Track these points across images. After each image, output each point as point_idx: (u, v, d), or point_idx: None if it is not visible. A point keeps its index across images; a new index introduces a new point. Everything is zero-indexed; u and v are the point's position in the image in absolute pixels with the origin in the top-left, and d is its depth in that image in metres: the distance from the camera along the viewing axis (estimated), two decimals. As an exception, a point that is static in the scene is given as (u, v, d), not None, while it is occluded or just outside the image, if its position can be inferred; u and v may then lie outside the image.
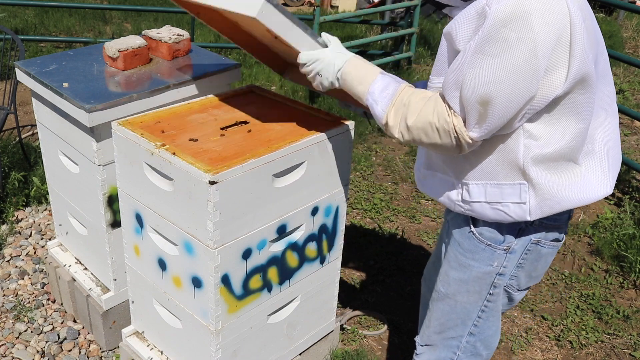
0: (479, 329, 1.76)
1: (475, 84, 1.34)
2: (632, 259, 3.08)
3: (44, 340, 2.55)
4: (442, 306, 1.76)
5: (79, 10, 6.84)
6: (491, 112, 1.35)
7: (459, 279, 1.69)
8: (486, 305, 1.72)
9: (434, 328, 1.82)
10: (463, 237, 1.66)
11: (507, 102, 1.34)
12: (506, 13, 1.29)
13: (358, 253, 3.19)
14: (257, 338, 2.00)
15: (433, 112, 1.43)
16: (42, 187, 3.40)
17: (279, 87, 5.33)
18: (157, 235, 1.90)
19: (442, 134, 1.43)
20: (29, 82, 2.24)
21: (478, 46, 1.33)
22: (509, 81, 1.32)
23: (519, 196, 1.50)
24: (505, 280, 1.69)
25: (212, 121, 1.93)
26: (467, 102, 1.37)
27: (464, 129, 1.41)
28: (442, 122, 1.42)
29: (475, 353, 1.81)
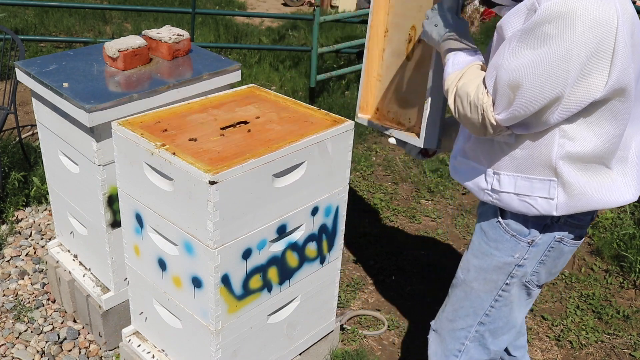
0: (490, 318, 1.79)
1: (509, 68, 1.41)
2: (632, 259, 3.09)
3: (44, 340, 2.55)
4: (458, 292, 1.81)
5: (79, 10, 6.84)
6: (518, 98, 1.42)
7: (478, 266, 1.74)
8: (500, 295, 1.75)
9: (446, 314, 1.86)
10: (489, 227, 1.71)
11: (534, 93, 1.40)
12: (553, 10, 1.34)
13: (358, 253, 3.19)
14: (257, 338, 2.00)
15: (475, 86, 1.53)
16: (42, 187, 3.40)
17: (279, 87, 5.33)
18: (157, 235, 1.90)
19: (472, 108, 1.52)
20: (29, 82, 2.24)
21: (521, 36, 1.40)
22: (539, 74, 1.38)
23: (547, 191, 1.56)
24: (524, 273, 1.72)
25: (212, 121, 1.93)
26: (499, 84, 1.44)
27: (490, 109, 1.49)
28: (475, 97, 1.51)
29: (483, 344, 1.83)
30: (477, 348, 1.84)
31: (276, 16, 5.98)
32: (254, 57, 5.88)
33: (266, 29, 7.09)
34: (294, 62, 5.82)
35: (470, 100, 1.52)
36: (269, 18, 7.34)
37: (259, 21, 7.49)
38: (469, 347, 1.84)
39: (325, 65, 5.69)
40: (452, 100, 1.59)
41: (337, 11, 8.45)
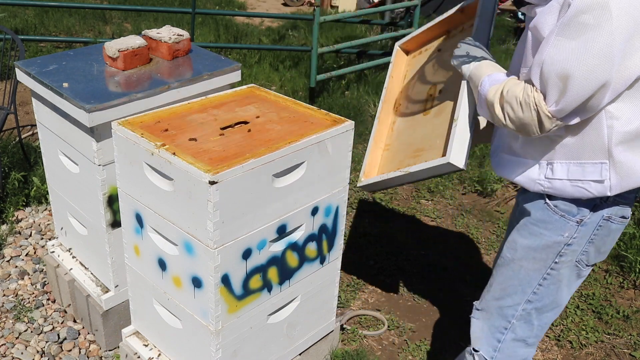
0: (537, 296, 1.83)
1: (554, 61, 1.47)
2: (632, 259, 3.08)
3: (44, 340, 2.55)
4: (506, 271, 1.85)
5: (79, 10, 6.84)
6: (569, 88, 1.47)
7: (527, 246, 1.79)
8: (549, 273, 1.79)
9: (493, 293, 1.90)
10: (536, 209, 1.76)
11: (584, 80, 1.45)
12: (586, 2, 1.42)
13: (358, 253, 3.19)
14: (257, 338, 2.00)
15: (521, 88, 1.58)
16: (42, 187, 3.40)
17: (279, 87, 5.33)
18: (157, 235, 1.90)
19: (524, 107, 1.56)
20: (29, 82, 2.24)
21: (559, 30, 1.46)
22: (586, 61, 1.44)
23: (599, 174, 1.61)
24: (573, 252, 1.76)
25: (212, 121, 1.93)
26: (546, 77, 1.50)
27: (543, 103, 1.53)
28: (525, 96, 1.56)
29: (529, 321, 1.88)
30: (522, 326, 1.88)
31: (276, 16, 5.99)
32: (254, 57, 5.88)
33: (266, 29, 7.09)
34: (294, 62, 5.82)
35: (520, 100, 1.57)
36: (269, 18, 7.34)
37: (259, 21, 7.49)
38: (515, 325, 1.88)
39: (325, 65, 5.69)
40: (499, 109, 1.64)
41: (337, 11, 8.45)
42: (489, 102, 1.69)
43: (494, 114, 1.68)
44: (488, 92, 1.69)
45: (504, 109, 1.63)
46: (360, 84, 5.25)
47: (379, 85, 5.17)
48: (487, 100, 1.70)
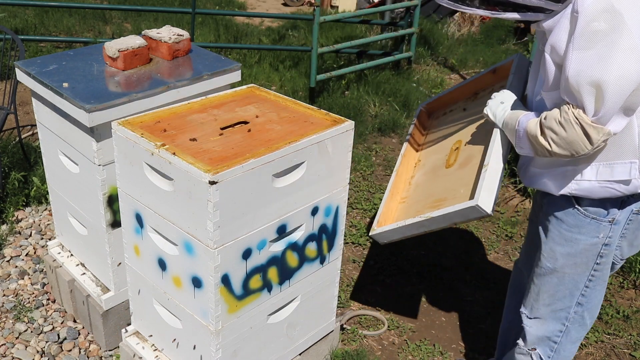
0: (586, 298, 1.88)
1: (580, 72, 1.48)
2: (632, 259, 3.08)
3: (44, 340, 2.55)
4: (551, 279, 1.88)
5: (79, 10, 6.84)
6: (606, 92, 1.47)
7: (566, 253, 1.81)
8: (593, 275, 1.83)
9: (543, 301, 1.92)
10: (566, 215, 1.78)
11: (619, 81, 1.46)
12: (592, 10, 1.45)
13: (358, 253, 3.19)
14: (257, 338, 2.00)
15: (556, 112, 1.60)
16: (42, 187, 3.40)
17: (279, 87, 5.33)
18: (157, 235, 1.90)
19: (566, 125, 1.56)
20: (29, 82, 2.24)
21: (575, 43, 1.49)
22: (614, 63, 1.45)
23: (628, 173, 1.64)
24: (611, 250, 1.80)
25: (212, 121, 1.93)
26: (577, 89, 1.50)
27: (583, 115, 1.53)
28: (563, 114, 1.56)
29: (583, 323, 1.93)
30: (576, 328, 1.93)
31: (276, 16, 5.99)
32: (254, 57, 5.88)
33: (266, 29, 7.09)
34: (294, 62, 5.82)
35: (559, 121, 1.57)
36: (269, 18, 7.34)
37: (259, 21, 7.49)
38: (570, 328, 1.93)
39: (325, 65, 5.69)
40: (541, 138, 1.64)
41: (337, 11, 8.45)
42: (531, 135, 1.67)
43: (537, 145, 1.67)
44: (527, 127, 1.69)
45: (547, 136, 1.62)
46: (360, 84, 5.25)
47: (379, 85, 5.17)
48: (528, 134, 1.69)
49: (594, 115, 1.52)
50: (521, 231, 3.46)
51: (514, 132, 1.77)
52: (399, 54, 5.52)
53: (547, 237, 1.86)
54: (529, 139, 1.69)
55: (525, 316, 1.99)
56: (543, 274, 1.89)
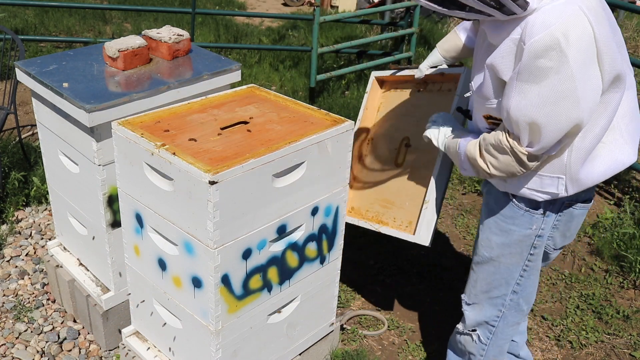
0: (521, 287, 1.96)
1: (521, 108, 1.54)
2: (632, 259, 3.08)
3: (44, 340, 2.55)
4: (487, 268, 1.96)
5: (79, 10, 6.84)
6: (543, 133, 1.54)
7: (501, 243, 1.90)
8: (527, 265, 1.92)
9: (480, 288, 2.01)
10: (503, 206, 1.86)
11: (555, 125, 1.53)
12: (539, 46, 1.46)
13: (358, 253, 3.19)
14: (257, 338, 2.00)
15: (493, 136, 1.68)
16: (42, 187, 3.40)
17: (279, 87, 5.33)
18: (157, 235, 1.90)
19: (501, 152, 1.65)
20: (29, 82, 2.24)
21: (520, 75, 1.52)
22: (553, 108, 1.50)
23: (556, 187, 1.73)
24: (544, 241, 1.88)
25: (212, 121, 1.93)
26: (516, 123, 1.57)
27: (517, 145, 1.61)
28: (497, 141, 1.65)
29: (519, 309, 2.02)
30: (512, 314, 2.02)
31: (276, 16, 5.99)
32: (254, 57, 5.87)
33: (266, 29, 7.09)
34: (294, 62, 5.82)
35: (496, 147, 1.65)
36: (269, 18, 7.34)
37: (259, 21, 7.49)
38: (506, 314, 2.01)
39: (325, 65, 5.69)
40: (481, 160, 1.73)
41: (337, 11, 8.45)
42: (471, 157, 1.76)
43: (478, 168, 1.76)
44: (467, 149, 1.77)
45: (486, 159, 1.71)
46: (360, 84, 5.25)
47: (379, 85, 5.16)
48: (468, 157, 1.78)
49: (528, 146, 1.60)
50: (521, 231, 3.46)
51: (456, 155, 1.86)
52: (399, 54, 5.52)
53: (484, 227, 1.95)
54: (469, 161, 1.78)
55: (464, 302, 2.08)
56: (481, 262, 1.98)
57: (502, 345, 2.09)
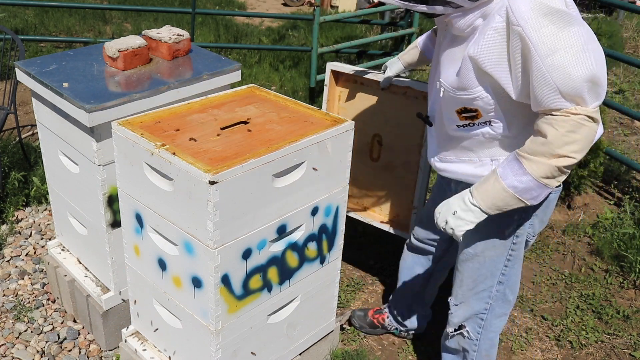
0: (506, 277, 1.98)
1: (568, 76, 1.50)
2: (632, 259, 3.08)
3: (44, 340, 2.55)
4: (472, 265, 1.98)
5: (79, 10, 6.84)
6: (598, 80, 1.52)
7: (484, 237, 1.91)
8: (511, 254, 1.94)
9: (467, 286, 2.03)
10: None
11: (600, 64, 1.53)
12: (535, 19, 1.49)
13: (358, 253, 3.19)
14: (257, 338, 2.00)
15: (556, 128, 1.55)
16: (42, 187, 3.40)
17: (279, 87, 5.33)
18: (157, 235, 1.90)
19: (578, 128, 1.54)
20: (29, 82, 2.24)
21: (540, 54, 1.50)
22: (588, 51, 1.51)
23: None
24: (525, 229, 1.90)
25: (212, 121, 1.93)
26: (576, 91, 1.51)
27: (586, 109, 1.54)
28: (569, 125, 1.54)
29: (505, 300, 2.04)
30: (500, 304, 2.04)
31: (276, 16, 5.98)
32: (254, 57, 5.87)
33: (266, 29, 7.09)
34: (294, 62, 5.82)
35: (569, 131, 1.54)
36: (269, 18, 7.34)
37: (259, 21, 7.48)
38: (494, 306, 2.03)
39: (325, 65, 5.68)
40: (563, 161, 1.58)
41: (337, 11, 8.45)
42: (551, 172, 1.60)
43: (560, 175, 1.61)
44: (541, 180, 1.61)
45: (568, 154, 1.57)
46: (360, 84, 5.24)
47: (379, 85, 5.17)
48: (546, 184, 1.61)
49: (593, 101, 1.55)
50: (521, 231, 3.46)
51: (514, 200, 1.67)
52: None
53: None
54: (538, 184, 1.62)
55: (452, 304, 2.10)
56: (465, 260, 2.00)
57: (492, 338, 2.12)
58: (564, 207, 3.65)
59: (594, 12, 7.52)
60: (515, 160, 1.63)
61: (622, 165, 3.93)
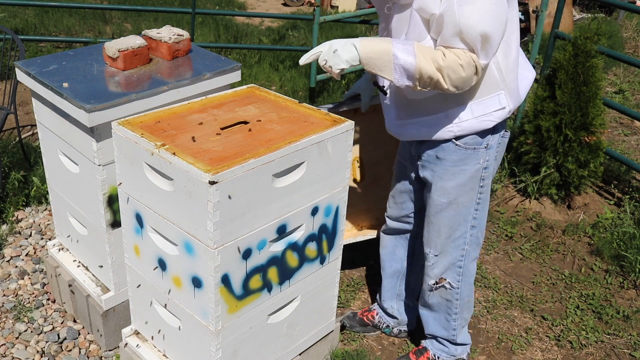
0: (477, 220, 2.17)
1: (472, 25, 1.72)
2: (632, 259, 3.08)
3: (44, 340, 2.55)
4: (447, 213, 2.13)
5: (79, 10, 6.84)
6: (492, 41, 1.75)
7: (456, 185, 2.08)
8: (479, 197, 2.12)
9: (445, 234, 2.17)
10: (448, 153, 2.04)
11: (498, 31, 1.76)
12: None
13: (358, 253, 3.19)
14: (257, 338, 2.00)
15: (455, 55, 1.77)
16: (42, 187, 3.40)
17: (278, 87, 5.33)
18: (157, 235, 1.90)
19: (467, 67, 1.77)
20: (29, 82, 2.24)
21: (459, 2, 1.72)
22: (495, 17, 1.73)
23: (499, 103, 1.95)
24: (490, 171, 2.09)
25: (212, 121, 1.93)
26: (472, 39, 1.74)
27: (477, 59, 1.78)
28: (464, 58, 1.77)
29: (478, 243, 2.23)
30: (474, 248, 2.22)
31: (276, 16, 5.99)
32: (254, 57, 5.88)
33: (266, 29, 7.09)
34: (294, 62, 5.82)
35: (461, 64, 1.76)
36: (269, 18, 7.34)
37: (259, 21, 7.49)
38: (469, 251, 2.20)
39: (325, 65, 5.68)
40: (439, 75, 1.78)
41: (337, 11, 8.45)
42: (425, 72, 1.78)
43: (428, 81, 1.80)
44: (419, 65, 1.78)
45: (444, 74, 1.78)
46: (360, 84, 5.24)
47: (379, 85, 5.16)
48: (419, 71, 1.79)
49: (482, 58, 1.78)
50: (521, 231, 3.46)
51: (387, 65, 1.82)
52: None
53: (434, 178, 2.10)
54: (413, 73, 1.79)
55: (432, 255, 2.23)
56: (439, 211, 2.13)
57: (470, 282, 2.29)
58: (564, 207, 3.65)
59: (594, 12, 7.52)
60: (412, 43, 1.81)
61: (622, 165, 3.93)
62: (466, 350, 2.46)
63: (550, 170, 3.53)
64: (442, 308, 2.32)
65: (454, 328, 2.35)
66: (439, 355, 2.43)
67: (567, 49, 3.41)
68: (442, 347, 2.42)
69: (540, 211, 3.60)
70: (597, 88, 3.38)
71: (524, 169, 3.70)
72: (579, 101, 3.38)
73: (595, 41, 3.35)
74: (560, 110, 3.42)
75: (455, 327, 2.35)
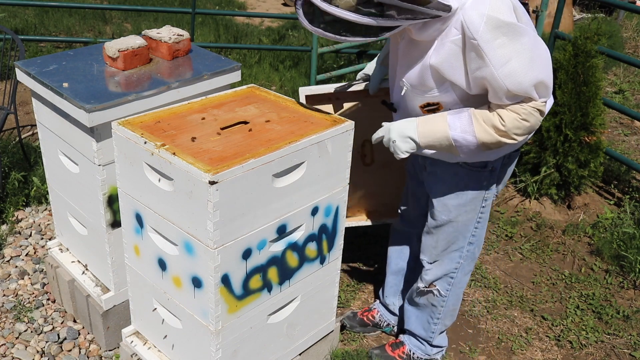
0: (476, 237, 2.21)
1: (519, 82, 1.70)
2: (632, 259, 3.08)
3: (44, 340, 2.55)
4: (447, 229, 2.17)
5: (79, 10, 6.83)
6: (545, 82, 1.74)
7: (457, 204, 2.11)
8: (480, 217, 2.16)
9: (441, 247, 2.22)
10: (453, 173, 2.05)
11: (545, 69, 1.74)
12: (487, 32, 1.65)
13: (358, 253, 3.19)
14: (257, 338, 2.00)
15: (513, 113, 1.77)
16: (42, 187, 3.40)
17: (278, 87, 5.33)
18: (157, 235, 1.90)
19: (529, 117, 1.77)
20: (29, 82, 2.24)
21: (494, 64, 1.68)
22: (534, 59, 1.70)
23: None
24: (492, 192, 2.12)
25: (212, 121, 1.93)
26: (524, 93, 1.73)
27: (536, 102, 1.77)
28: (523, 111, 1.76)
29: (473, 257, 2.27)
30: (469, 263, 2.27)
31: (276, 16, 5.98)
32: (254, 57, 5.87)
33: (266, 29, 7.09)
34: (294, 62, 5.82)
35: (522, 119, 1.77)
36: (269, 18, 7.34)
37: (259, 21, 7.48)
38: (464, 265, 2.25)
39: (325, 65, 5.69)
40: (505, 139, 1.81)
41: (337, 11, 8.43)
42: (490, 143, 1.83)
43: (495, 146, 1.85)
44: (480, 139, 1.82)
45: (510, 134, 1.80)
46: (360, 84, 5.24)
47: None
48: (482, 144, 1.84)
49: (545, 98, 1.77)
50: (521, 231, 3.46)
51: (451, 149, 1.90)
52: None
53: (437, 194, 2.13)
54: (479, 148, 1.86)
55: (426, 262, 2.28)
56: (439, 225, 2.17)
57: (459, 293, 2.34)
58: (564, 207, 3.65)
59: (594, 12, 7.52)
60: (468, 117, 1.82)
61: (622, 165, 3.93)
62: (441, 352, 2.51)
63: (550, 170, 3.53)
64: (426, 310, 2.37)
65: (433, 331, 2.40)
66: (415, 351, 2.47)
67: (567, 49, 3.41)
68: (418, 345, 2.47)
69: (540, 211, 3.60)
70: (597, 88, 3.38)
71: (524, 169, 3.70)
72: (579, 101, 3.38)
73: (595, 41, 3.35)
74: (561, 110, 3.42)
75: (434, 331, 2.40)
